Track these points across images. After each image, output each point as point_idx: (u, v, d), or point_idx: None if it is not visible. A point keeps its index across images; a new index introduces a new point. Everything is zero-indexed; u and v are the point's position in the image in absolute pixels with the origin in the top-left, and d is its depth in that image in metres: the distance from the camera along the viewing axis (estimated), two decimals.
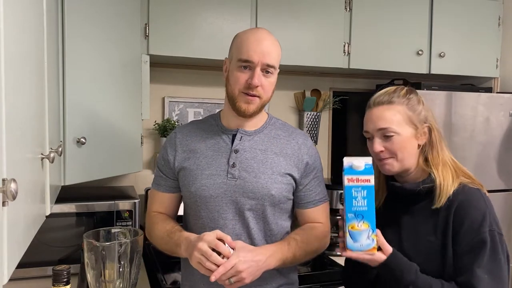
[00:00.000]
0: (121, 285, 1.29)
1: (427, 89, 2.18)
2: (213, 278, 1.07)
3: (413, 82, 2.27)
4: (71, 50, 1.48)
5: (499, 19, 2.56)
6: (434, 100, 2.12)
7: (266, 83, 1.23)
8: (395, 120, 1.17)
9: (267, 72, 1.23)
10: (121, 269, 1.28)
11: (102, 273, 1.27)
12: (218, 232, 1.13)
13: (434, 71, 2.42)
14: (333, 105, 2.52)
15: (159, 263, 1.88)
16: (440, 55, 2.41)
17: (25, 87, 0.75)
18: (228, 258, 1.09)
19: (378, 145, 1.19)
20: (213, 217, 1.25)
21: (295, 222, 1.37)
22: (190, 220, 1.32)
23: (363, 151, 1.19)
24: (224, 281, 1.10)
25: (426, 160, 1.20)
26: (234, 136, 1.29)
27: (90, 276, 1.28)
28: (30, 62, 0.79)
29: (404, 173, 1.22)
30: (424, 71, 2.41)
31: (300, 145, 1.31)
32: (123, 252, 1.27)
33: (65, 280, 1.11)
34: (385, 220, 1.18)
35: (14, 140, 0.64)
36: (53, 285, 1.11)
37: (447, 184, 1.14)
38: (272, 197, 1.24)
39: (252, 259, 1.12)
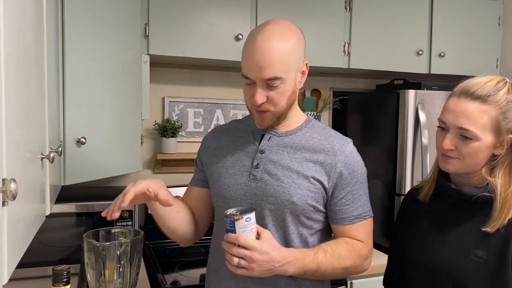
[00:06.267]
0: (121, 285, 1.29)
1: (427, 89, 2.18)
2: (224, 245, 1.03)
3: (413, 82, 2.27)
4: (71, 50, 1.48)
5: (499, 19, 2.57)
6: (434, 100, 2.12)
7: (273, 95, 1.10)
8: (481, 123, 1.00)
9: (273, 84, 1.08)
10: (121, 269, 1.28)
11: (102, 273, 1.27)
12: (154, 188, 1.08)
13: (434, 71, 2.42)
14: (333, 105, 2.52)
15: (159, 263, 1.88)
16: (440, 55, 2.41)
17: (25, 87, 0.75)
18: (243, 218, 1.01)
19: (449, 142, 1.03)
20: None
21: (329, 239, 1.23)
22: (215, 223, 1.27)
23: (363, 151, 1.17)
24: (233, 258, 1.01)
25: (492, 171, 1.04)
26: (263, 136, 1.21)
27: (90, 276, 1.28)
28: (30, 62, 0.79)
29: (463, 174, 1.08)
30: (424, 71, 2.41)
31: (336, 151, 1.15)
32: (123, 252, 1.27)
33: (65, 280, 1.11)
34: (429, 219, 1.12)
35: (14, 140, 0.64)
36: (53, 285, 1.11)
37: (507, 207, 1.00)
38: (293, 204, 1.12)
39: (272, 257, 1.02)
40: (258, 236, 1.05)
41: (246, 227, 1.02)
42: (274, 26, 1.10)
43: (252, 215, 1.03)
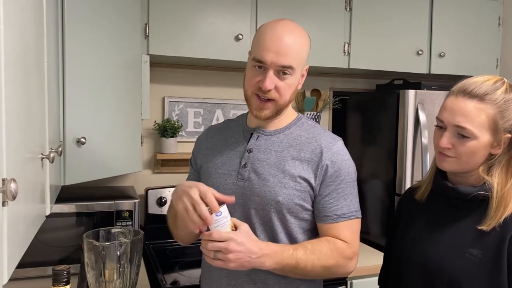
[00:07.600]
0: (121, 285, 1.29)
1: (427, 89, 2.18)
2: (203, 240, 1.03)
3: (413, 82, 2.27)
4: (71, 50, 1.48)
5: (499, 19, 2.57)
6: (434, 100, 2.12)
7: (282, 85, 1.11)
8: (478, 121, 1.00)
9: (284, 73, 1.11)
10: (121, 269, 1.28)
11: (102, 273, 1.27)
12: (215, 191, 1.04)
13: (434, 71, 2.42)
14: (333, 105, 2.52)
15: (159, 263, 1.88)
16: (440, 55, 2.41)
17: (25, 87, 0.75)
18: (213, 213, 1.01)
19: (446, 140, 1.03)
20: None
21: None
22: None
23: (363, 152, 1.17)
24: (209, 252, 1.02)
25: (489, 170, 1.04)
26: (252, 135, 1.21)
27: (90, 276, 1.28)
28: (30, 62, 0.79)
29: (461, 173, 1.08)
30: (424, 71, 2.41)
31: (323, 148, 1.16)
32: (123, 252, 1.27)
33: (65, 280, 1.11)
34: (425, 218, 1.13)
35: (14, 140, 0.64)
36: (53, 285, 1.11)
37: (504, 206, 0.99)
38: (278, 203, 1.12)
39: (248, 248, 1.02)
40: (236, 229, 1.05)
41: (218, 221, 1.03)
42: (291, 23, 1.15)
43: (223, 209, 1.04)
